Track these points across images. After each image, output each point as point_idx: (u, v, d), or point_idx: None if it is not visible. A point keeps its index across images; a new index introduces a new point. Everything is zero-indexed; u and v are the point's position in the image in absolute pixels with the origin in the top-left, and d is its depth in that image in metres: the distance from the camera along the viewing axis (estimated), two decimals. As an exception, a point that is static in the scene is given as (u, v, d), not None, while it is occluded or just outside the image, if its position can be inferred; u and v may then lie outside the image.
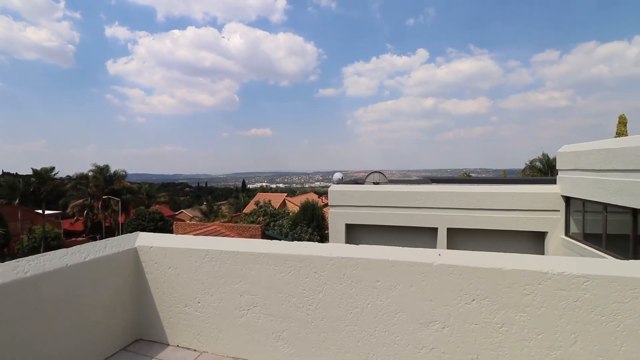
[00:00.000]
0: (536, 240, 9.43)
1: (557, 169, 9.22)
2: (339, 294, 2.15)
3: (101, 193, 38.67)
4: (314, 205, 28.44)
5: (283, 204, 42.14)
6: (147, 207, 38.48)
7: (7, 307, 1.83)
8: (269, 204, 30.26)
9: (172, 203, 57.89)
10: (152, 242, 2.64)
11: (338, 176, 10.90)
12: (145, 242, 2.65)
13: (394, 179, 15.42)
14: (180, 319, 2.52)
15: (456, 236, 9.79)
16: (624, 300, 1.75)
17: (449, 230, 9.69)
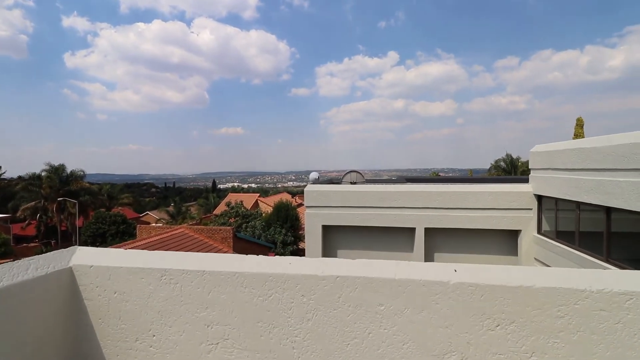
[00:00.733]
0: (510, 238, 9.56)
1: (529, 168, 9.37)
2: (333, 321, 1.74)
3: (56, 195, 35.81)
4: (287, 206, 27.88)
5: (255, 204, 41.15)
6: (108, 209, 36.11)
7: None
8: (240, 205, 29.31)
9: (137, 205, 54.96)
10: (93, 259, 2.08)
11: (314, 176, 10.49)
12: (83, 259, 2.09)
13: (369, 178, 15.26)
14: (129, 357, 1.99)
15: (433, 236, 9.72)
16: (673, 322, 1.48)
17: (427, 230, 9.60)
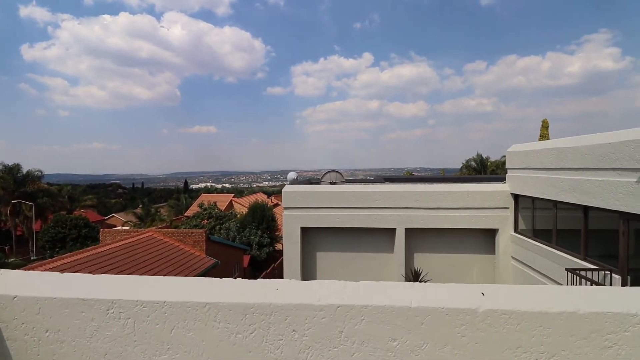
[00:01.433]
0: (488, 237, 9.62)
1: (506, 167, 9.46)
2: (333, 362, 1.38)
3: (10, 197, 33.05)
4: (263, 206, 27.21)
5: (230, 205, 40.01)
6: (69, 212, 33.82)
7: None
8: (214, 206, 28.27)
9: (101, 207, 52.04)
10: (17, 287, 1.60)
11: (292, 176, 10.07)
12: (4, 288, 1.60)
13: (346, 178, 15.06)
14: (66, 414, 1.53)
15: (413, 236, 9.61)
16: None
17: (407, 230, 9.47)
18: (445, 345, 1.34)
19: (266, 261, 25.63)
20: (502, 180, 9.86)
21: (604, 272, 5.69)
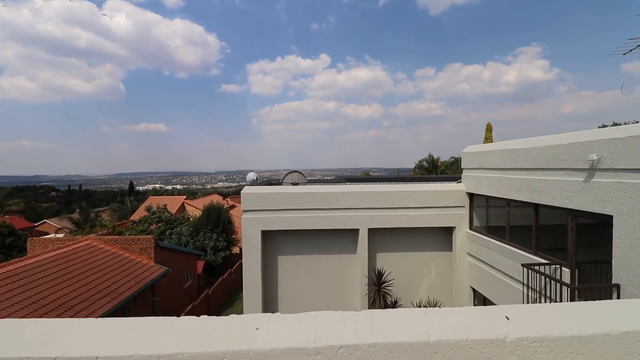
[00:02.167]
0: (446, 235, 9.93)
1: (462, 167, 9.83)
2: (332, 419, 1.07)
3: None
4: (219, 208, 25.97)
5: (182, 208, 37.75)
6: (-11, 220, 29.46)
7: None
8: (164, 209, 26.40)
9: (30, 212, 46.39)
10: None
11: (252, 177, 9.55)
12: None
13: (309, 178, 14.81)
14: None
15: (375, 236, 9.62)
16: None
17: (370, 230, 9.44)
18: (469, 385, 1.10)
19: (222, 266, 24.51)
20: (453, 179, 10.24)
21: (554, 266, 6.04)
